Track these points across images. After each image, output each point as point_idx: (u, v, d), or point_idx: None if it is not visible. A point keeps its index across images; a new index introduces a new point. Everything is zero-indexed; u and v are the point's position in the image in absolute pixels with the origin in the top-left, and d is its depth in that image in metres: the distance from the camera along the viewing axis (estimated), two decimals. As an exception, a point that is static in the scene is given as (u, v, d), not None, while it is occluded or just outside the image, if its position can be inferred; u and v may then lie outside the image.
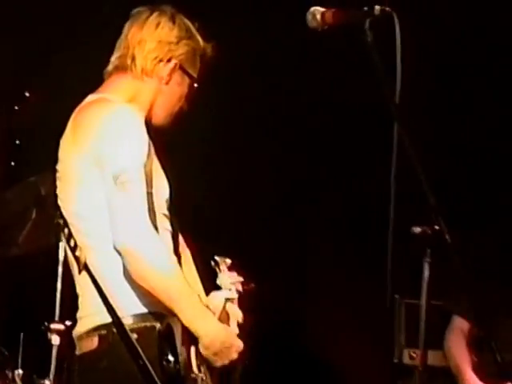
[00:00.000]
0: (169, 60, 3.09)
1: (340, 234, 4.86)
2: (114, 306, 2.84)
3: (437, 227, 2.63)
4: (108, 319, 2.86)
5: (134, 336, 2.84)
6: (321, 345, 4.91)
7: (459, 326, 3.97)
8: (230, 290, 3.18)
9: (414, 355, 4.24)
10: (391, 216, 2.66)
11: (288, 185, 5.02)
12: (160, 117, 3.13)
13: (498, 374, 3.65)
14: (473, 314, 3.77)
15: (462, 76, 4.61)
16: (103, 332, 2.91)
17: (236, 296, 3.18)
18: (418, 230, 2.68)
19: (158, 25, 3.09)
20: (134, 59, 3.09)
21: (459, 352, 3.92)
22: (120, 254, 2.87)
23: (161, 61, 3.09)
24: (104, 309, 2.85)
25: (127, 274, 2.89)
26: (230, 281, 3.19)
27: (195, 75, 3.14)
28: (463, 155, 4.54)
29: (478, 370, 3.88)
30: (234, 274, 3.21)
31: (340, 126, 4.87)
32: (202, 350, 2.92)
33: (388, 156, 2.63)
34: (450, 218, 2.62)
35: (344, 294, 4.74)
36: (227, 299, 3.14)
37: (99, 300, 2.86)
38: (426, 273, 2.71)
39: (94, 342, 2.93)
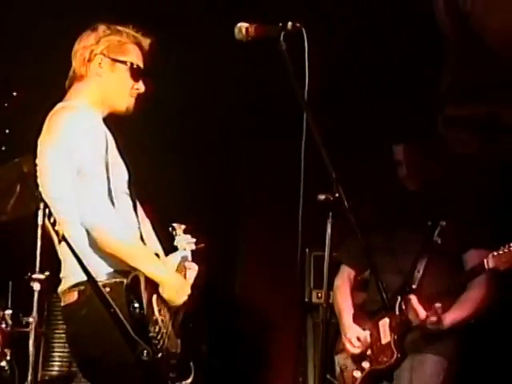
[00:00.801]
0: (94, 57, 3.08)
1: (266, 200, 4.84)
2: (89, 267, 2.84)
3: (337, 195, 2.66)
4: (85, 278, 2.87)
5: (107, 290, 2.88)
6: (249, 288, 4.94)
7: (346, 274, 3.94)
8: (184, 249, 3.21)
9: (320, 295, 4.27)
10: (301, 185, 2.68)
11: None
12: (117, 105, 3.11)
13: (379, 310, 3.73)
14: (361, 261, 3.84)
15: (357, 75, 4.58)
16: (81, 288, 2.95)
17: (190, 254, 3.21)
18: (322, 197, 2.70)
19: (81, 37, 3.12)
20: (74, 70, 3.13)
21: (342, 298, 3.87)
22: (87, 230, 2.91)
23: (89, 60, 3.09)
24: (81, 270, 2.86)
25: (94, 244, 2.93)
26: (184, 242, 3.22)
27: (129, 59, 3.10)
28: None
29: (361, 310, 3.86)
30: (188, 236, 3.24)
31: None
32: (161, 291, 2.96)
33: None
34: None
35: (267, 249, 4.76)
36: (183, 257, 3.17)
37: (77, 263, 2.87)
38: (329, 231, 2.74)
39: (74, 296, 2.97)
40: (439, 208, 3.73)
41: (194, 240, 3.25)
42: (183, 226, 3.24)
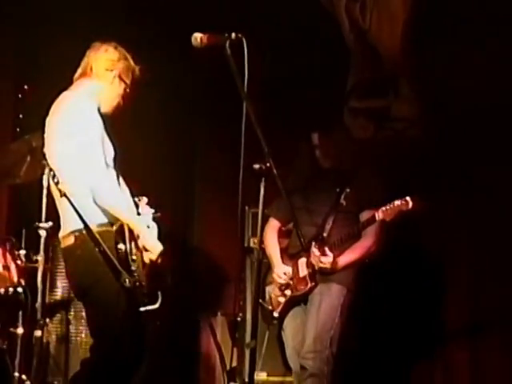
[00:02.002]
0: (112, 70, 3.01)
1: (218, 170, 4.72)
2: (85, 217, 2.78)
3: (268, 165, 2.59)
4: (80, 226, 2.80)
5: (98, 235, 2.80)
6: (205, 237, 4.87)
7: (272, 224, 3.87)
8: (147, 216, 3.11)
9: (255, 241, 4.24)
10: (241, 158, 2.59)
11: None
12: (106, 105, 3.03)
13: (298, 252, 3.70)
14: (285, 216, 3.78)
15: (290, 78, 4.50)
16: (77, 233, 2.86)
17: (151, 220, 3.09)
18: (257, 166, 2.63)
19: (106, 50, 3.04)
20: (91, 69, 3.01)
21: (271, 243, 3.81)
22: (91, 189, 2.82)
23: (107, 70, 3.01)
24: (78, 219, 2.79)
25: (94, 200, 2.83)
26: (146, 211, 3.12)
27: (128, 83, 3.06)
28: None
29: (285, 252, 3.81)
30: (147, 207, 3.14)
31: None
32: (142, 241, 2.90)
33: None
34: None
35: (219, 206, 4.67)
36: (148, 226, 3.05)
37: (74, 214, 2.80)
38: (262, 192, 2.65)
39: (71, 240, 2.88)
40: (344, 179, 3.71)
41: (153, 210, 3.14)
42: (145, 199, 3.15)
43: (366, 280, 3.75)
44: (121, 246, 2.81)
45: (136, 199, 3.10)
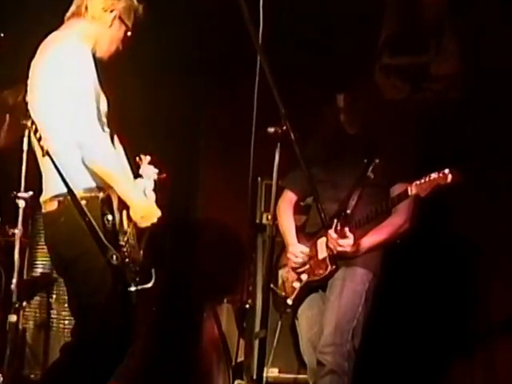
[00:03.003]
0: (112, 11, 2.96)
1: (226, 135, 4.74)
2: (69, 181, 2.73)
3: (284, 128, 2.58)
4: (64, 190, 2.75)
5: (83, 202, 2.76)
6: (210, 211, 4.87)
7: (288, 197, 3.88)
8: (149, 178, 3.10)
9: (269, 217, 4.22)
10: (254, 119, 2.57)
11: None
12: (102, 51, 2.97)
13: (317, 231, 3.71)
14: (303, 188, 3.79)
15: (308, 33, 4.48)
16: (61, 198, 2.81)
17: (152, 185, 3.10)
18: (271, 129, 2.64)
19: None
20: (86, 8, 2.95)
21: (286, 219, 3.82)
22: (80, 146, 2.76)
23: (106, 10, 2.96)
24: (61, 182, 2.74)
25: (81, 160, 2.78)
26: (149, 172, 3.12)
27: (130, 25, 3.00)
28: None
29: (301, 231, 3.83)
30: (152, 167, 3.13)
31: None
32: (132, 214, 2.86)
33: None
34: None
35: (226, 178, 4.67)
36: (146, 185, 3.05)
37: (58, 176, 2.75)
38: (277, 159, 2.67)
39: (54, 205, 2.84)
40: (373, 148, 3.68)
41: (157, 171, 3.15)
42: (148, 158, 3.15)
43: (395, 264, 3.76)
44: (109, 216, 2.79)
45: (137, 158, 3.10)
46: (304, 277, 3.71)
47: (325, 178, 3.70)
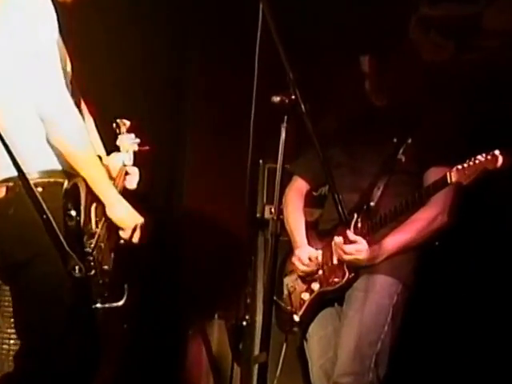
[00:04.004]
0: None
1: (219, 104, 4.78)
2: (21, 162, 2.63)
3: (293, 97, 2.60)
4: (15, 173, 2.67)
5: (39, 189, 2.71)
6: (198, 200, 4.90)
7: (297, 186, 3.92)
8: (127, 151, 3.12)
9: (272, 210, 4.26)
10: (255, 85, 2.60)
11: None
12: None
13: (333, 229, 3.72)
14: (316, 174, 3.81)
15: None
16: (10, 184, 2.80)
17: (131, 159, 3.12)
18: (277, 98, 2.68)
19: None
20: None
21: (294, 213, 3.86)
22: (43, 119, 2.75)
23: None
24: (11, 164, 2.67)
25: (39, 135, 2.78)
26: (128, 142, 3.13)
27: None
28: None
29: (314, 228, 3.86)
30: (132, 135, 3.15)
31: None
32: (108, 211, 2.87)
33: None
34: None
35: (219, 157, 4.70)
36: (125, 165, 3.08)
37: (7, 156, 2.66)
38: (283, 136, 2.71)
39: (1, 192, 2.82)
40: (406, 125, 3.69)
41: (138, 141, 3.17)
42: (127, 123, 3.16)
43: (432, 271, 3.79)
44: (72, 212, 2.77)
45: (113, 124, 3.12)
46: (315, 286, 3.73)
47: (344, 162, 3.73)
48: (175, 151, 5.00)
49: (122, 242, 2.95)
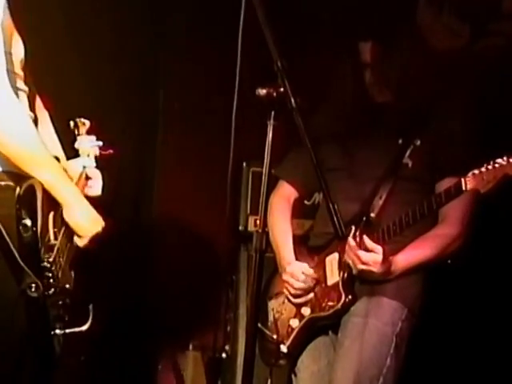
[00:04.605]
0: None
1: (195, 98, 4.80)
2: None
3: (282, 89, 2.62)
4: None
5: None
6: (170, 210, 4.88)
7: (284, 193, 3.94)
8: (88, 155, 3.14)
9: (257, 221, 4.26)
10: (237, 78, 2.61)
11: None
12: None
13: (327, 244, 3.74)
14: (306, 180, 3.83)
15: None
16: None
17: (93, 164, 3.14)
18: (263, 91, 2.67)
19: None
20: None
21: (280, 225, 3.88)
22: None
23: None
24: None
25: None
26: (88, 145, 3.15)
27: None
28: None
29: (304, 243, 3.88)
30: (93, 137, 3.17)
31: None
32: (65, 214, 2.88)
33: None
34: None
35: (195, 160, 4.71)
36: (85, 167, 3.10)
37: None
38: (270, 135, 2.71)
39: None
40: (414, 123, 3.72)
41: (100, 143, 3.18)
42: (87, 124, 3.18)
43: (443, 294, 3.80)
44: (27, 221, 2.74)
45: (71, 124, 3.12)
46: (306, 311, 3.74)
47: (340, 166, 3.74)
48: (144, 153, 5.03)
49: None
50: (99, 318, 2.92)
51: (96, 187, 3.12)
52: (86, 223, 2.91)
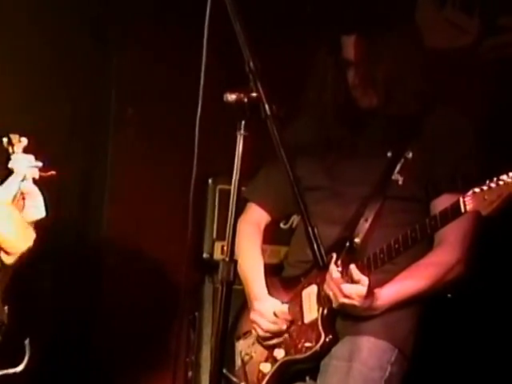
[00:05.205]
0: None
1: (150, 106, 4.82)
2: None
3: (254, 94, 2.63)
4: None
5: None
6: (120, 235, 4.90)
7: (255, 217, 3.95)
8: (24, 178, 3.14)
9: (225, 249, 4.28)
10: (201, 83, 2.61)
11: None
12: None
13: (304, 275, 3.76)
14: (280, 201, 3.85)
15: None
16: None
17: (31, 183, 3.15)
18: (232, 96, 2.67)
19: None
20: None
21: (250, 252, 3.88)
22: None
23: None
24: None
25: None
26: (24, 166, 3.16)
27: None
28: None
29: (274, 272, 3.91)
30: (31, 157, 3.17)
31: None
32: None
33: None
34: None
35: (150, 176, 4.71)
36: (21, 187, 3.12)
37: None
38: (240, 148, 2.71)
39: None
40: (404, 133, 3.74)
41: (40, 164, 3.18)
42: (24, 142, 3.19)
43: (439, 333, 3.80)
44: None
45: (4, 140, 3.14)
46: (279, 354, 3.75)
47: (320, 184, 3.77)
48: (91, 171, 5.02)
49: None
50: (36, 357, 2.92)
51: (33, 213, 3.12)
52: (14, 238, 2.95)
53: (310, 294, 3.71)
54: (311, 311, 3.69)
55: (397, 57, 3.70)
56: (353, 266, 3.53)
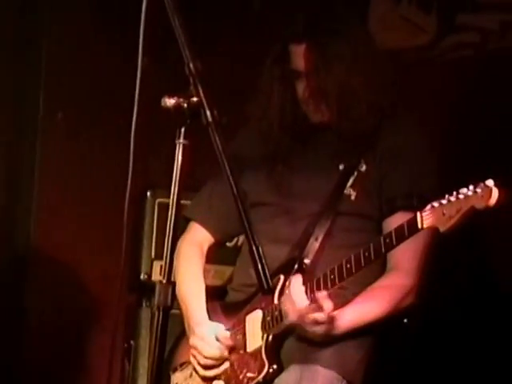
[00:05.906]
0: None
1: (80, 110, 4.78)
2: None
3: (195, 99, 2.62)
4: None
5: None
6: (48, 252, 4.85)
7: (196, 237, 3.95)
8: None
9: (164, 270, 4.28)
10: (137, 87, 2.60)
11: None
12: None
13: (247, 300, 3.77)
14: (223, 220, 3.86)
15: None
16: None
17: None
18: (171, 101, 2.67)
19: None
20: None
21: (190, 275, 3.89)
22: None
23: None
24: None
25: None
26: None
27: None
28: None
29: (216, 296, 3.93)
30: None
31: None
32: None
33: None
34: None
35: (80, 186, 4.68)
36: None
37: None
38: (180, 157, 2.70)
39: None
40: (358, 144, 3.75)
41: None
42: None
43: (393, 362, 3.81)
44: None
45: None
46: (219, 387, 3.76)
47: (267, 200, 3.79)
48: (17, 178, 5.00)
49: None
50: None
51: None
52: None
53: (253, 319, 3.70)
54: (255, 338, 3.68)
55: (350, 68, 3.71)
56: (318, 293, 3.48)
